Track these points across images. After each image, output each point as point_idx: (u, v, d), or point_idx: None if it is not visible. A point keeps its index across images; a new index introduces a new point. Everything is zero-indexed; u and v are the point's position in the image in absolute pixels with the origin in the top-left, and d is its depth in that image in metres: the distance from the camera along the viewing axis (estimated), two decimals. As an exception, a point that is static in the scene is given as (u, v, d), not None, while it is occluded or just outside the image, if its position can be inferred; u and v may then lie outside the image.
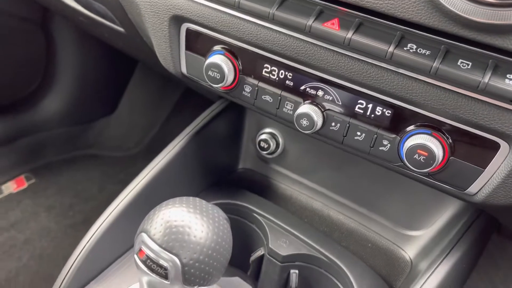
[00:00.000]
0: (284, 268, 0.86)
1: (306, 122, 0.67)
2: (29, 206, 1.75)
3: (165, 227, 0.50)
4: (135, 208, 0.80)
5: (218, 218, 0.53)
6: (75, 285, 0.73)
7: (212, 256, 0.50)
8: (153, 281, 0.51)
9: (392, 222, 0.90)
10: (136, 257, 0.51)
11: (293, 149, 0.98)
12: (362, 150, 0.68)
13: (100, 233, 0.74)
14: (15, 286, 1.55)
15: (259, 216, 0.91)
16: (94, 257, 0.74)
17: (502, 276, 1.17)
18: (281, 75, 0.70)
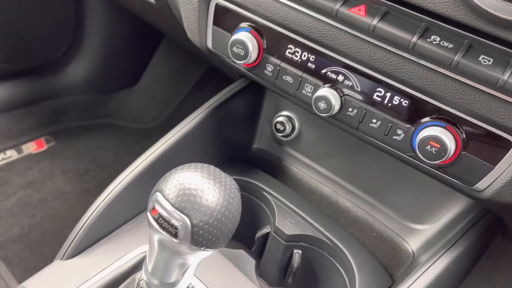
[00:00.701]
0: (288, 247, 0.88)
1: (324, 105, 0.69)
2: (47, 167, 1.80)
3: (179, 188, 0.52)
4: (150, 175, 0.83)
5: (230, 186, 0.55)
6: (86, 241, 0.76)
7: (221, 221, 0.52)
8: (163, 239, 0.53)
9: (398, 214, 0.91)
10: (149, 215, 0.54)
11: (308, 133, 1.00)
12: (376, 137, 0.69)
13: (114, 194, 0.77)
14: (27, 241, 1.61)
15: (268, 194, 0.93)
16: (106, 217, 0.77)
17: (503, 280, 1.18)
18: (304, 57, 0.71)
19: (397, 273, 0.86)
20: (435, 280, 0.73)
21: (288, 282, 0.91)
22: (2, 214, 1.65)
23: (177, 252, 0.53)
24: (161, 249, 0.54)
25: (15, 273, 1.53)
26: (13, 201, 1.69)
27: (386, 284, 0.81)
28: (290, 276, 0.91)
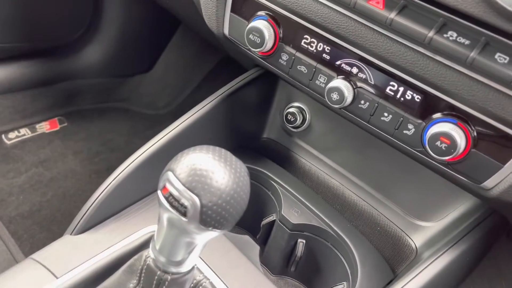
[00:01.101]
0: (292, 236, 0.89)
1: (337, 96, 0.69)
2: (59, 147, 1.83)
3: (190, 168, 0.53)
4: (160, 158, 0.84)
5: (240, 170, 0.56)
6: (96, 218, 0.78)
7: (229, 203, 0.53)
8: (172, 218, 0.54)
9: (403, 210, 0.92)
10: (160, 193, 0.55)
11: (318, 126, 1.00)
12: (386, 131, 0.70)
13: (125, 174, 0.79)
14: (37, 218, 1.64)
15: (276, 183, 0.94)
16: (116, 195, 0.79)
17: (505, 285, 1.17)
18: (319, 48, 0.71)
19: (399, 267, 0.86)
20: (436, 276, 0.74)
21: (291, 271, 0.93)
22: (13, 190, 1.68)
23: (185, 231, 0.54)
24: (169, 227, 0.55)
25: (23, 248, 1.56)
26: (25, 179, 1.72)
27: (387, 278, 0.82)
28: (293, 265, 0.92)
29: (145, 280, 0.62)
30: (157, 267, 0.59)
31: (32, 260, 0.71)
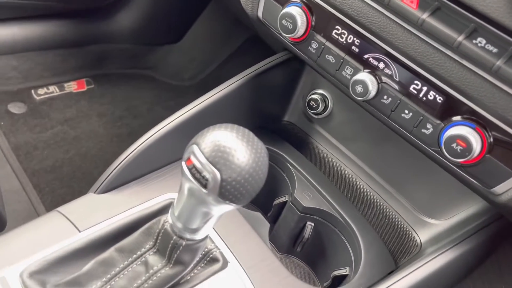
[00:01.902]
0: (302, 218, 0.93)
1: (361, 89, 0.71)
2: (84, 107, 1.88)
3: (215, 144, 0.56)
4: (185, 129, 0.88)
5: (261, 151, 0.59)
6: (119, 180, 0.82)
7: (247, 180, 0.56)
8: (193, 188, 0.58)
9: (412, 205, 0.94)
10: (184, 164, 0.58)
11: (339, 115, 1.02)
12: (405, 128, 0.72)
13: (151, 141, 0.83)
14: (58, 174, 1.70)
15: (291, 166, 0.97)
16: (141, 160, 0.83)
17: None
18: (349, 40, 0.73)
19: (402, 260, 0.89)
20: (437, 272, 0.76)
21: (297, 251, 0.96)
22: (39, 145, 1.75)
23: (203, 202, 0.58)
24: (189, 197, 0.59)
25: (44, 201, 1.63)
26: (50, 135, 1.78)
27: (389, 268, 0.85)
28: (299, 245, 0.95)
29: (161, 243, 0.66)
30: (174, 232, 0.63)
31: (57, 213, 0.77)
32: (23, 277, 0.66)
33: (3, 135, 1.72)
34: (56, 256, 0.69)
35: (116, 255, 0.69)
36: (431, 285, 0.78)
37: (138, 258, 0.68)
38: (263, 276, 0.74)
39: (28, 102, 1.83)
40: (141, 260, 0.67)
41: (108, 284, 0.67)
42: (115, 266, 0.68)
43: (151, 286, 0.66)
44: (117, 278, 0.67)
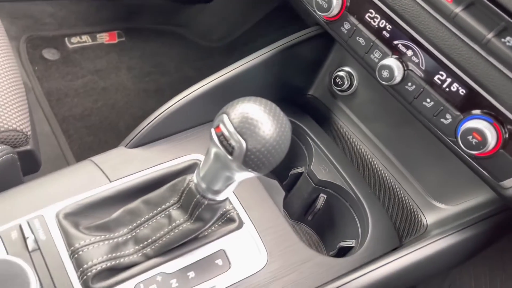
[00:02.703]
0: (316, 190, 0.97)
1: (387, 74, 0.74)
2: (114, 60, 1.93)
3: (243, 116, 0.60)
4: (213, 95, 0.92)
5: (285, 125, 0.63)
6: (150, 137, 0.87)
7: (270, 152, 0.61)
8: (220, 153, 0.62)
9: (423, 188, 0.97)
10: (213, 131, 0.63)
11: (362, 94, 1.04)
12: (425, 115, 0.74)
13: (183, 102, 0.87)
14: (86, 122, 1.77)
15: (310, 139, 1.01)
16: (171, 120, 0.87)
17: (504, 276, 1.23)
18: (381, 24, 0.75)
19: (406, 238, 0.94)
20: (438, 253, 0.81)
21: (307, 219, 1.02)
22: (69, 92, 1.82)
23: (227, 167, 0.63)
24: (215, 161, 0.64)
25: (72, 147, 1.72)
26: (80, 83, 1.84)
27: (394, 245, 0.90)
28: (311, 215, 1.01)
29: (184, 200, 0.72)
30: (198, 191, 0.69)
31: (91, 162, 0.83)
32: (59, 217, 0.73)
33: (37, 80, 1.78)
34: (88, 202, 0.76)
35: (143, 207, 0.75)
36: (432, 264, 0.83)
37: (163, 211, 0.74)
38: (274, 240, 0.80)
39: (61, 50, 1.88)
40: (165, 214, 0.74)
41: (133, 231, 0.74)
42: (141, 216, 0.75)
43: (172, 237, 0.72)
44: (142, 227, 0.74)
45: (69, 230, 0.72)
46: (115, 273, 0.70)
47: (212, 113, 0.95)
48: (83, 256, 0.69)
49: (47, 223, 0.72)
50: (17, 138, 0.94)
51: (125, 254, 0.71)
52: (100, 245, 0.71)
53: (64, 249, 0.70)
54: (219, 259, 0.76)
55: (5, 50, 1.11)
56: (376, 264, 0.77)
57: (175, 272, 0.72)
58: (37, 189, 0.78)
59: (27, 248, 0.69)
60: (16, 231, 0.70)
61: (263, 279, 0.76)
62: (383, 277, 0.76)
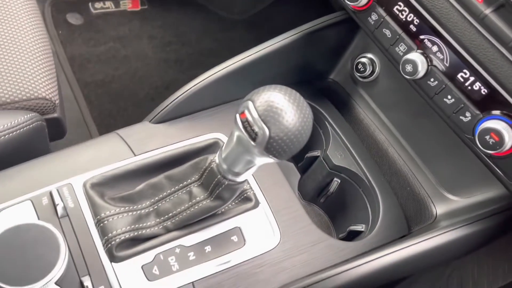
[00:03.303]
0: (330, 174, 1.00)
1: (410, 69, 0.75)
2: (136, 28, 1.94)
3: (268, 104, 0.62)
4: (236, 75, 0.93)
5: (308, 115, 0.65)
6: (174, 113, 0.90)
7: (292, 140, 0.63)
8: (243, 138, 0.65)
9: (436, 180, 0.99)
10: (238, 116, 0.65)
11: (383, 82, 1.05)
12: (444, 111, 0.76)
13: (208, 81, 0.89)
14: (107, 89, 1.81)
15: (328, 124, 1.03)
16: (196, 98, 0.89)
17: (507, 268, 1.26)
18: (409, 18, 0.75)
19: (415, 227, 0.97)
20: (446, 244, 0.84)
21: (320, 201, 1.05)
22: (92, 58, 1.84)
23: (249, 152, 0.65)
24: (237, 144, 0.67)
25: (93, 113, 1.76)
26: (102, 50, 1.86)
27: (402, 232, 0.93)
28: (323, 197, 1.04)
29: (206, 178, 0.75)
30: (219, 171, 0.72)
31: (116, 135, 0.86)
32: (86, 186, 0.77)
33: (61, 44, 1.81)
34: (114, 174, 0.80)
35: (165, 182, 0.79)
36: (438, 254, 0.86)
37: (184, 188, 0.77)
38: (288, 221, 0.83)
39: (85, 15, 1.89)
40: (186, 190, 0.77)
41: (155, 204, 0.78)
42: (163, 190, 0.79)
43: (192, 213, 0.76)
44: (164, 201, 0.78)
45: (96, 200, 0.76)
46: (137, 243, 0.74)
47: (234, 93, 0.97)
48: (108, 225, 0.73)
49: (75, 191, 0.76)
50: (45, 106, 0.98)
51: (146, 226, 0.75)
52: (124, 216, 0.75)
53: (91, 218, 0.75)
54: (234, 236, 0.80)
55: (34, 16, 1.13)
56: (385, 251, 0.80)
57: (192, 246, 0.77)
58: (66, 159, 0.82)
59: (57, 214, 0.74)
60: (47, 198, 0.75)
61: (275, 257, 0.80)
62: (391, 264, 0.80)
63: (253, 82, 0.99)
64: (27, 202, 0.74)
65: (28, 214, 0.73)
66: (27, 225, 0.66)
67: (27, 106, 0.95)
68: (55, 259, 0.65)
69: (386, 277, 0.83)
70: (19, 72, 0.96)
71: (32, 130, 0.90)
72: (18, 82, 0.94)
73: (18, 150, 0.90)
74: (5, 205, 0.73)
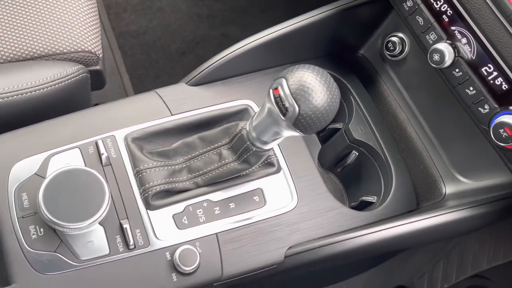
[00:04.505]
0: (349, 147, 1.06)
1: (437, 58, 0.79)
2: (170, -20, 1.94)
3: (300, 83, 0.68)
4: (270, 46, 0.97)
5: (336, 96, 0.71)
6: (209, 78, 0.95)
7: (319, 118, 0.69)
8: (274, 111, 0.71)
9: (449, 160, 1.04)
10: (271, 92, 0.71)
11: (411, 62, 1.08)
12: (465, 101, 0.80)
13: (242, 50, 0.93)
14: (141, 40, 1.86)
15: (353, 99, 1.08)
16: (228, 65, 0.94)
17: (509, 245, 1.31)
18: (442, 8, 0.78)
19: (423, 203, 1.03)
20: (451, 223, 0.89)
21: (336, 170, 1.12)
22: (127, 8, 1.88)
23: (278, 124, 0.72)
24: (268, 116, 0.73)
25: (126, 63, 1.82)
26: (137, 1, 1.90)
27: (411, 207, 1.00)
28: (340, 167, 1.10)
29: (235, 143, 0.82)
30: (248, 138, 0.79)
31: (155, 94, 0.93)
32: (127, 140, 0.85)
33: (99, -8, 1.84)
34: (152, 130, 0.87)
35: (198, 142, 0.87)
36: (443, 231, 0.93)
37: (215, 149, 0.85)
38: (306, 187, 0.91)
39: (123, -37, 1.91)
40: (217, 151, 0.85)
41: (188, 162, 0.86)
42: (196, 150, 0.86)
43: (220, 172, 0.84)
44: (196, 159, 0.86)
45: (135, 153, 0.84)
46: (170, 194, 0.83)
47: (266, 62, 1.02)
48: (145, 177, 0.82)
49: (118, 143, 0.85)
50: (90, 58, 1.05)
51: (179, 180, 0.84)
52: (160, 170, 0.83)
53: (130, 168, 0.83)
54: (256, 196, 0.88)
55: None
56: (393, 223, 0.88)
57: (218, 201, 0.85)
58: (109, 112, 0.89)
59: (101, 162, 0.83)
60: (93, 147, 0.83)
61: (292, 218, 0.88)
62: (397, 236, 0.87)
63: (285, 53, 1.04)
64: (75, 149, 0.82)
65: (76, 160, 0.82)
66: (78, 170, 0.75)
67: (74, 58, 1.01)
68: (100, 202, 0.74)
69: (391, 247, 0.90)
70: (68, 25, 1.02)
71: (78, 81, 0.98)
72: (67, 35, 1.01)
73: (64, 100, 0.98)
74: (57, 150, 0.82)
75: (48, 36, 1.00)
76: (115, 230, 0.78)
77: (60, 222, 0.72)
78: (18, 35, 0.98)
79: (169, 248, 0.79)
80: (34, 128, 0.85)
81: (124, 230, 0.78)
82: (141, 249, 0.78)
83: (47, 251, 0.75)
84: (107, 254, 0.77)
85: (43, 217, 0.72)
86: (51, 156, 0.82)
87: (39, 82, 0.90)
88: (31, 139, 0.83)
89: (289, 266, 0.85)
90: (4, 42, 0.97)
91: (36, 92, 0.90)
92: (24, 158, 0.80)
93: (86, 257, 0.76)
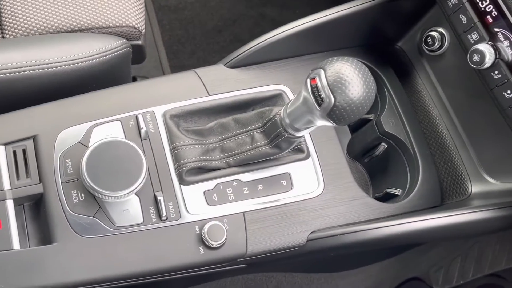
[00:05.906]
0: (379, 139, 1.07)
1: (477, 59, 0.79)
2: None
3: (338, 76, 0.70)
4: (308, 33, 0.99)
5: (372, 90, 0.72)
6: (246, 61, 0.97)
7: (353, 111, 0.71)
8: (309, 100, 0.73)
9: (478, 160, 1.04)
10: (308, 81, 0.73)
11: (449, 58, 1.07)
12: (501, 103, 0.80)
13: (281, 36, 0.95)
14: (179, 15, 1.88)
15: (387, 91, 1.08)
16: (266, 50, 0.96)
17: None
18: (487, 8, 0.78)
19: (448, 200, 1.04)
20: (474, 222, 0.90)
21: (364, 161, 1.13)
22: (168, -18, 1.90)
23: (312, 113, 0.74)
24: (303, 104, 0.75)
25: (164, 37, 1.85)
26: (178, -25, 1.91)
27: (435, 203, 1.01)
28: (367, 158, 1.12)
29: (268, 128, 0.85)
30: (281, 124, 0.81)
31: (194, 73, 0.96)
32: (165, 116, 0.89)
33: (141, -35, 1.87)
34: (190, 109, 0.91)
35: (233, 123, 0.90)
36: (465, 229, 0.94)
37: (248, 132, 0.88)
38: (333, 176, 0.93)
39: None
40: (249, 134, 0.88)
41: (221, 142, 0.89)
42: (230, 131, 0.89)
43: (251, 155, 0.87)
44: (229, 140, 0.89)
45: (172, 129, 0.88)
46: (202, 171, 0.87)
47: (303, 49, 1.04)
48: (181, 153, 0.86)
49: (156, 119, 0.89)
50: (133, 33, 1.08)
51: (212, 158, 0.87)
52: (194, 147, 0.87)
53: (167, 144, 0.87)
54: (284, 180, 0.91)
55: None
56: (416, 218, 0.89)
57: (248, 182, 0.89)
58: (150, 88, 0.93)
59: (140, 136, 0.87)
60: (133, 121, 0.87)
61: (317, 204, 0.91)
62: (418, 230, 0.89)
63: (323, 41, 1.05)
64: (117, 122, 0.87)
65: (117, 132, 0.86)
66: (119, 141, 0.80)
67: (118, 32, 1.05)
68: (138, 174, 0.79)
69: (412, 241, 0.92)
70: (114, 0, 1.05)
71: (121, 55, 1.01)
72: (113, 9, 1.04)
73: (107, 72, 1.02)
74: (99, 121, 0.87)
75: (94, 9, 1.04)
76: (150, 201, 0.83)
77: (100, 189, 0.77)
78: (68, 8, 1.02)
79: (198, 222, 0.84)
80: (80, 99, 0.90)
81: (158, 202, 0.83)
82: (172, 221, 0.83)
83: (86, 215, 0.80)
84: (141, 223, 0.82)
85: (85, 183, 0.77)
86: (94, 127, 0.86)
87: (86, 54, 0.94)
88: (76, 109, 0.88)
89: (310, 249, 0.89)
90: (54, 13, 1.01)
91: (83, 63, 0.94)
92: (69, 126, 0.86)
93: (121, 224, 0.81)
